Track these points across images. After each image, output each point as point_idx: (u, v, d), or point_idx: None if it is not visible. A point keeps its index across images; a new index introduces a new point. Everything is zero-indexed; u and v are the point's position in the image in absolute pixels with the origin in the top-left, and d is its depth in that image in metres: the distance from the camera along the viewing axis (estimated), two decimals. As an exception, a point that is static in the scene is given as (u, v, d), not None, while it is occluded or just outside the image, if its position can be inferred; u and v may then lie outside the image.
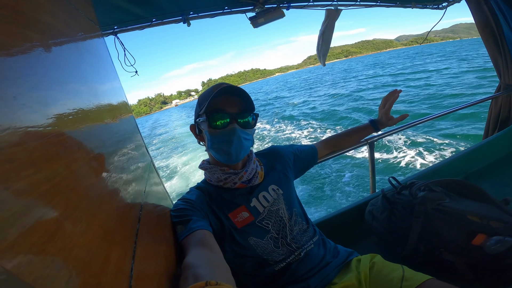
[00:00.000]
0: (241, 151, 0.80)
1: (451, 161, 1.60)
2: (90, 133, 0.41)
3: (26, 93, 0.26)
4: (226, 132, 0.77)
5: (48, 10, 0.38)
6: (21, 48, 0.28)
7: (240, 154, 0.80)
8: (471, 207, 0.93)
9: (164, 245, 0.61)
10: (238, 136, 0.78)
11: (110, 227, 0.36)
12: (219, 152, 0.79)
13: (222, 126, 0.77)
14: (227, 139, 0.77)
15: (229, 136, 0.77)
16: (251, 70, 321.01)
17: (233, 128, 0.77)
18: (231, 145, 0.78)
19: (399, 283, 0.77)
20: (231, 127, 0.77)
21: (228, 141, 0.77)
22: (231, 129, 0.77)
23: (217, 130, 0.77)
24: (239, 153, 0.80)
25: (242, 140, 0.79)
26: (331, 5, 1.87)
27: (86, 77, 0.50)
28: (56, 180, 0.27)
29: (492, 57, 2.02)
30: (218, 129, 0.77)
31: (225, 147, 0.78)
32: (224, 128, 0.77)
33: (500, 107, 2.10)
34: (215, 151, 0.80)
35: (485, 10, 1.85)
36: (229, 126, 0.77)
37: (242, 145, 0.79)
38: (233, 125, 0.77)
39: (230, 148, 0.78)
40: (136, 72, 1.78)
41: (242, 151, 0.80)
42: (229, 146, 0.78)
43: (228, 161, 0.80)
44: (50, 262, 0.22)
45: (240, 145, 0.79)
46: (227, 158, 0.80)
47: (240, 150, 0.79)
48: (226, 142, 0.78)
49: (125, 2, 1.25)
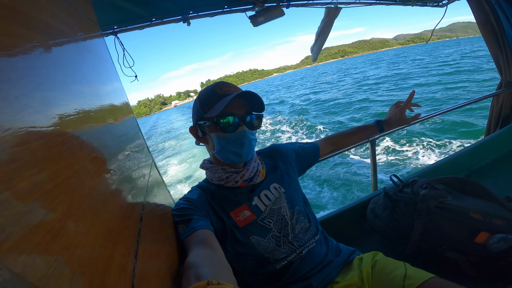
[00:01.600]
0: (250, 152, 0.82)
1: (453, 158, 1.59)
2: (93, 133, 0.41)
3: (28, 93, 0.26)
4: (237, 136, 0.78)
5: (48, 10, 0.38)
6: (23, 49, 0.28)
7: (249, 154, 0.82)
8: (474, 205, 0.93)
9: (167, 244, 0.61)
10: (248, 138, 0.79)
11: (112, 227, 0.36)
12: (229, 154, 0.80)
13: (232, 129, 0.77)
14: (238, 142, 0.78)
15: (240, 139, 0.78)
16: (249, 70, 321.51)
17: (243, 131, 0.78)
18: (242, 147, 0.79)
19: (401, 281, 0.77)
20: (241, 130, 0.78)
21: (239, 143, 0.78)
22: (241, 132, 0.78)
23: (227, 133, 0.77)
24: (248, 154, 0.81)
25: (251, 141, 0.81)
26: (331, 3, 1.86)
27: (87, 77, 0.50)
28: (59, 180, 0.27)
29: (493, 54, 2.01)
30: (227, 132, 0.77)
31: (236, 149, 0.79)
32: (234, 132, 0.77)
33: (501, 104, 2.09)
34: (225, 153, 0.80)
35: (485, 7, 1.84)
36: (239, 129, 0.78)
37: (251, 146, 0.81)
38: (243, 127, 0.78)
39: (241, 150, 0.79)
40: (136, 76, 1.78)
41: (251, 152, 0.83)
42: (241, 148, 0.79)
43: (237, 162, 0.82)
44: (53, 261, 0.22)
45: (250, 146, 0.81)
46: (237, 159, 0.81)
47: (249, 151, 0.81)
48: (237, 144, 0.78)
49: (125, 2, 1.25)
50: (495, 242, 0.82)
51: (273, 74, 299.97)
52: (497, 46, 1.93)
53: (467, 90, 10.97)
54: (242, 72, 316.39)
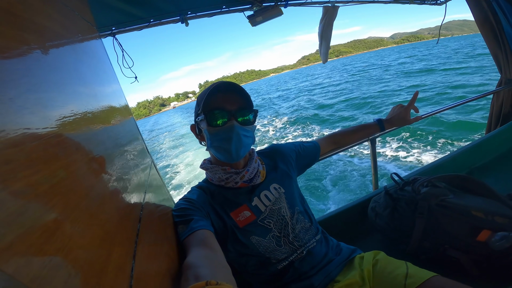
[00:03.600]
0: (241, 148, 0.79)
1: (454, 156, 1.58)
2: (90, 134, 0.41)
3: (23, 95, 0.26)
4: (225, 130, 0.76)
5: (43, 12, 0.38)
6: (17, 50, 0.28)
7: (240, 151, 0.79)
8: (475, 203, 0.92)
9: (166, 245, 0.61)
10: (237, 133, 0.77)
11: (110, 227, 0.36)
12: (219, 150, 0.79)
13: (221, 124, 0.77)
14: (226, 136, 0.77)
15: (228, 133, 0.76)
16: (247, 71, 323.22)
17: (232, 126, 0.76)
18: (230, 143, 0.77)
19: (403, 280, 0.76)
20: (229, 125, 0.76)
21: (227, 138, 0.77)
22: (229, 127, 0.76)
23: (215, 128, 0.77)
24: (239, 151, 0.79)
25: (242, 137, 0.78)
26: (328, 1, 1.86)
27: (85, 79, 0.50)
28: (54, 181, 0.27)
29: (492, 52, 2.01)
30: (216, 127, 0.77)
31: (224, 145, 0.78)
32: (223, 126, 0.76)
33: (502, 101, 2.09)
34: (215, 149, 0.80)
35: (483, 6, 1.84)
36: (227, 124, 0.76)
37: (241, 143, 0.78)
38: (232, 122, 0.76)
39: (229, 145, 0.77)
40: (135, 77, 1.78)
41: (242, 149, 0.79)
42: (228, 143, 0.77)
43: (228, 159, 0.80)
44: (48, 262, 0.22)
45: (240, 142, 0.78)
46: (227, 156, 0.79)
47: (240, 147, 0.79)
48: (225, 139, 0.77)
49: (123, 3, 1.25)
50: (497, 240, 0.82)
51: (270, 74, 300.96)
52: (496, 44, 1.93)
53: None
54: (239, 73, 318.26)
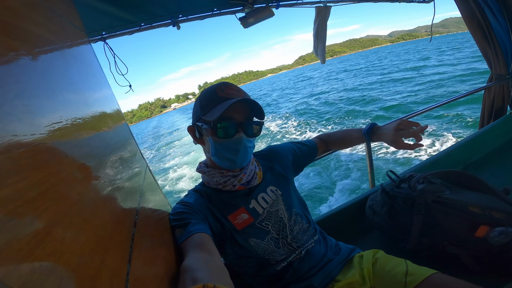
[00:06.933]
0: (246, 159, 0.80)
1: (448, 152, 1.60)
2: (81, 140, 0.41)
3: (9, 101, 0.26)
4: (233, 142, 0.76)
5: (30, 18, 0.38)
6: (5, 57, 0.28)
7: (244, 162, 0.80)
8: (472, 198, 0.92)
9: (163, 248, 0.60)
10: (244, 146, 0.77)
11: (104, 232, 0.36)
12: (223, 159, 0.78)
13: (229, 136, 0.75)
14: (233, 148, 0.76)
15: (235, 145, 0.76)
16: (245, 72, 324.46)
17: (240, 138, 0.76)
18: (237, 154, 0.77)
19: (403, 278, 0.76)
20: (237, 137, 0.76)
21: (234, 150, 0.76)
22: (237, 139, 0.76)
23: (223, 139, 0.75)
24: (243, 161, 0.80)
25: (248, 149, 0.79)
26: (320, 2, 1.88)
27: (74, 84, 0.49)
28: (43, 187, 0.26)
29: (481, 48, 2.04)
30: (224, 138, 0.75)
31: (230, 156, 0.77)
32: (230, 138, 0.75)
33: (493, 96, 2.12)
34: (219, 158, 0.79)
35: (470, 3, 1.86)
36: (235, 136, 0.75)
37: (247, 154, 0.79)
38: (240, 134, 0.76)
39: (236, 157, 0.77)
40: (130, 86, 1.75)
41: (247, 159, 0.80)
42: (235, 155, 0.77)
43: (230, 168, 0.80)
44: (38, 267, 0.21)
45: (246, 154, 0.79)
46: (230, 165, 0.79)
47: (245, 158, 0.79)
48: (232, 151, 0.77)
49: (112, 8, 1.23)
50: (495, 235, 0.81)
51: (267, 75, 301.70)
52: (485, 40, 1.95)
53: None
54: (238, 74, 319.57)
